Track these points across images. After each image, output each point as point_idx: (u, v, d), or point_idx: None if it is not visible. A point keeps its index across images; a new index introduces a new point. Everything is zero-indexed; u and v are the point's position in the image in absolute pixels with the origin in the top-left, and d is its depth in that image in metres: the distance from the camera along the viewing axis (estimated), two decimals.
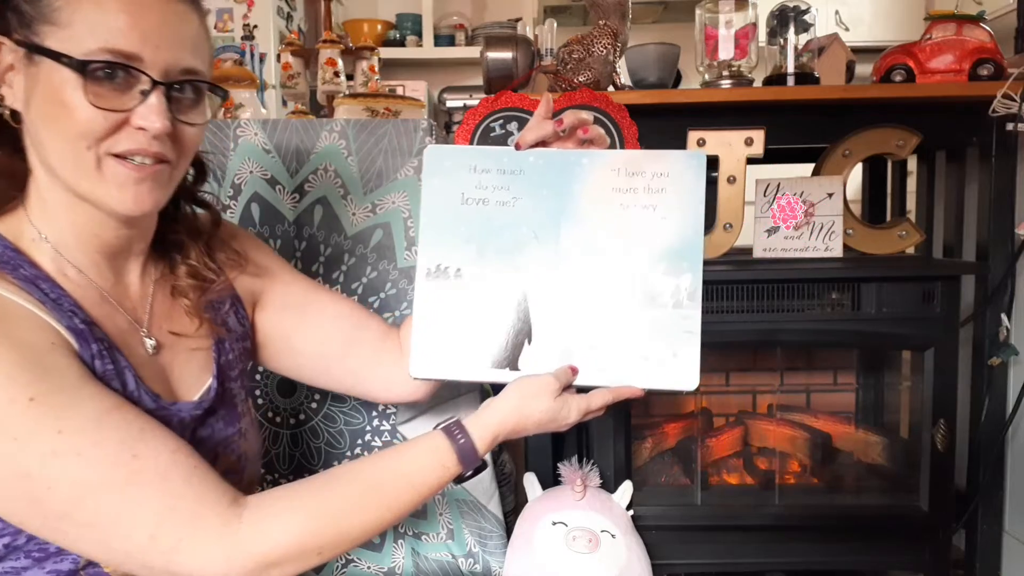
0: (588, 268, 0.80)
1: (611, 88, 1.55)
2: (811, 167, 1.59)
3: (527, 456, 1.50)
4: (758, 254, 1.51)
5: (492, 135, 1.45)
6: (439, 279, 0.80)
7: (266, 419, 1.16)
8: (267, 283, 0.90)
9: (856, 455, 1.67)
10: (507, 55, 1.60)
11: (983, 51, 1.48)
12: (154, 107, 0.66)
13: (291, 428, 1.18)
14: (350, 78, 1.69)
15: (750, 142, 1.45)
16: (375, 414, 1.17)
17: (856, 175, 1.72)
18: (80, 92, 0.64)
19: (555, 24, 1.65)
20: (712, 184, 1.64)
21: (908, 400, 1.55)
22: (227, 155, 1.15)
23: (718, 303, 1.40)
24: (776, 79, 1.58)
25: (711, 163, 1.53)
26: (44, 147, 0.68)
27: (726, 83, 1.56)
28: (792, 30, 1.57)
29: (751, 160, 1.46)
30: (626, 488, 1.38)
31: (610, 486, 1.40)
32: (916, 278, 1.40)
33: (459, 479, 0.77)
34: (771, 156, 1.48)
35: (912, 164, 1.87)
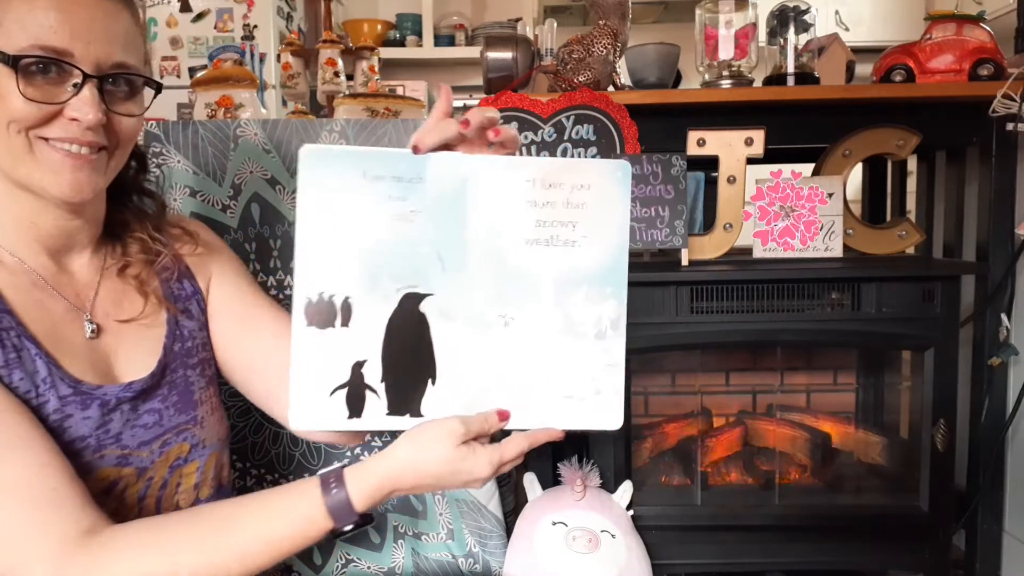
0: (499, 295, 0.69)
1: (611, 88, 1.56)
2: (811, 167, 1.59)
3: (527, 456, 1.50)
4: (758, 254, 1.52)
5: None
6: (320, 311, 0.67)
7: (266, 419, 1.16)
8: (216, 265, 0.90)
9: (856, 455, 1.67)
10: (507, 55, 1.60)
11: (983, 51, 1.48)
12: (87, 99, 0.69)
13: None
14: (350, 78, 1.69)
15: (750, 142, 1.45)
16: None
17: (856, 175, 1.72)
18: (13, 84, 0.67)
19: (555, 24, 1.65)
20: (712, 184, 1.65)
21: (908, 400, 1.56)
22: (227, 155, 1.15)
23: (718, 303, 1.40)
24: (776, 79, 1.58)
25: (711, 164, 1.56)
26: None
27: (726, 83, 1.57)
28: (792, 30, 1.57)
29: (751, 160, 1.47)
30: (626, 488, 1.39)
31: (610, 486, 1.40)
32: (916, 278, 1.41)
33: (338, 534, 0.67)
34: (771, 156, 1.48)
35: (912, 164, 1.87)
